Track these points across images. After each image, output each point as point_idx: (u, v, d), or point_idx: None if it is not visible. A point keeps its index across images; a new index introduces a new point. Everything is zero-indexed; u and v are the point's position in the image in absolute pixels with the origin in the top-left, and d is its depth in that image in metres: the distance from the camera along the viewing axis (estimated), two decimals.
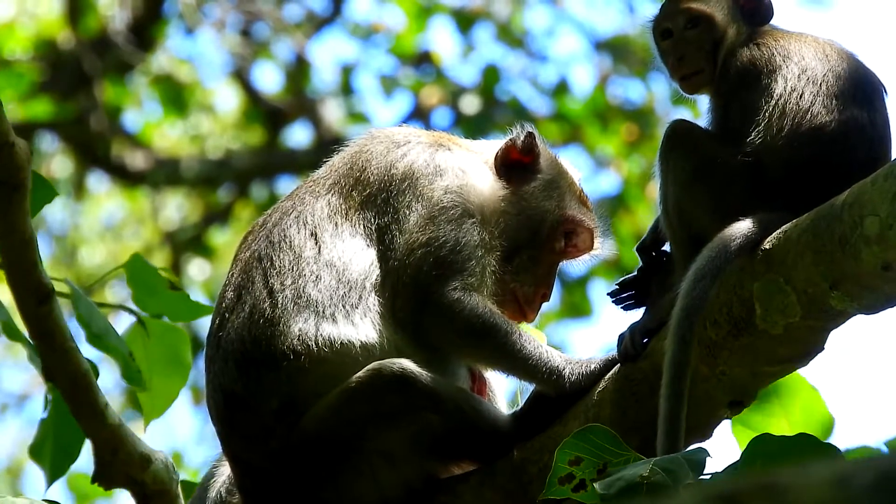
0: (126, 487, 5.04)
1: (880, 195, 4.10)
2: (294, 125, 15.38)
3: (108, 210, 16.59)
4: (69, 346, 4.80)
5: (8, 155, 4.57)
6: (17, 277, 4.72)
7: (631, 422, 4.45)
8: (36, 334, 4.79)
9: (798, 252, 4.25)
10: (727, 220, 4.36)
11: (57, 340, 4.78)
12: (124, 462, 4.93)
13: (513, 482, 4.56)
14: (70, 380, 4.83)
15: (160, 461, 5.02)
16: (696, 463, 4.00)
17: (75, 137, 14.79)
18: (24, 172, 4.60)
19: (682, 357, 4.23)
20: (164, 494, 5.03)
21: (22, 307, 4.76)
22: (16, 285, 4.72)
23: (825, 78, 4.52)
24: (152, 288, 5.30)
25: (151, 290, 5.30)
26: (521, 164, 4.97)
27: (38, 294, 4.73)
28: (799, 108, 4.47)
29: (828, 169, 4.41)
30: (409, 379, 4.53)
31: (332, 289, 4.65)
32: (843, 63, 4.57)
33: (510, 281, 4.86)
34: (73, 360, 4.82)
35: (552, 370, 4.59)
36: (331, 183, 4.86)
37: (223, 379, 4.66)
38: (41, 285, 4.72)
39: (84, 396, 4.86)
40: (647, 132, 14.06)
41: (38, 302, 4.73)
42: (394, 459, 4.56)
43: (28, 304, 4.74)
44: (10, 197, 4.61)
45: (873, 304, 4.23)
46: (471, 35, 14.40)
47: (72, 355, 4.81)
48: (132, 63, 14.71)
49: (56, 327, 4.77)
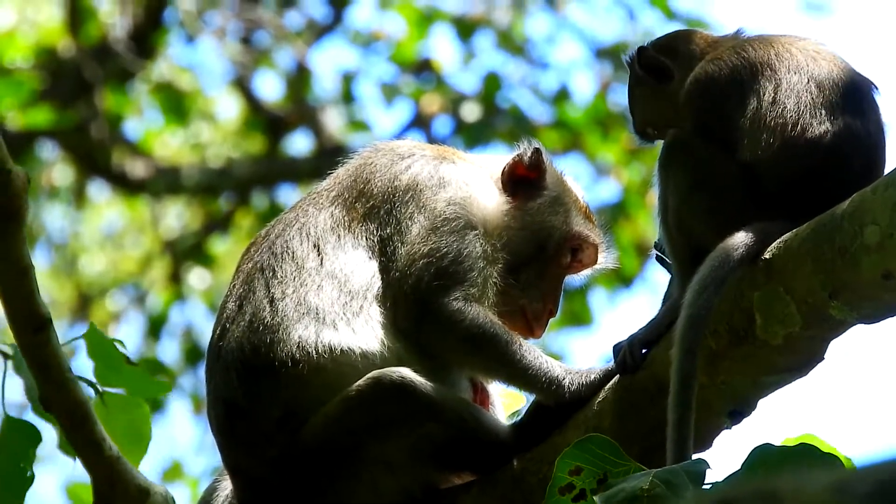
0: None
1: (881, 204, 4.11)
2: (295, 133, 15.40)
3: (109, 219, 16.60)
4: (67, 377, 4.78)
5: (4, 184, 4.56)
6: (13, 306, 4.72)
7: (631, 432, 4.45)
8: (33, 364, 4.78)
9: (798, 261, 4.25)
10: (727, 230, 4.37)
11: (54, 371, 4.77)
12: (122, 495, 4.92)
13: (513, 492, 4.57)
14: (68, 411, 4.82)
15: (159, 494, 5.01)
16: (695, 474, 4.00)
17: (76, 146, 14.80)
18: (20, 201, 4.58)
19: (688, 367, 4.23)
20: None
21: (19, 336, 4.75)
22: (12, 314, 4.71)
23: (808, 87, 4.52)
24: (112, 361, 5.26)
25: (111, 364, 5.27)
26: (527, 180, 4.99)
27: (34, 323, 4.71)
28: (785, 121, 4.47)
29: (825, 179, 4.41)
30: (409, 388, 4.53)
31: (333, 297, 4.66)
32: (831, 69, 4.56)
33: (519, 297, 4.88)
34: (70, 390, 4.81)
35: (552, 380, 4.60)
36: (334, 195, 4.87)
37: (224, 389, 4.66)
38: (38, 314, 4.71)
39: (81, 428, 4.85)
40: None
41: (35, 331, 4.71)
42: (394, 468, 4.57)
43: (25, 333, 4.73)
44: (5, 226, 4.60)
45: (873, 314, 4.23)
46: (471, 43, 14.40)
47: (69, 386, 4.80)
48: (133, 71, 14.73)
49: (53, 357, 4.75)
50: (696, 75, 4.66)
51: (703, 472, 4.02)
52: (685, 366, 4.23)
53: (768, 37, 4.70)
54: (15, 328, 4.75)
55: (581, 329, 14.35)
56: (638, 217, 14.03)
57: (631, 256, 14.02)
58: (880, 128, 4.55)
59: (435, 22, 14.49)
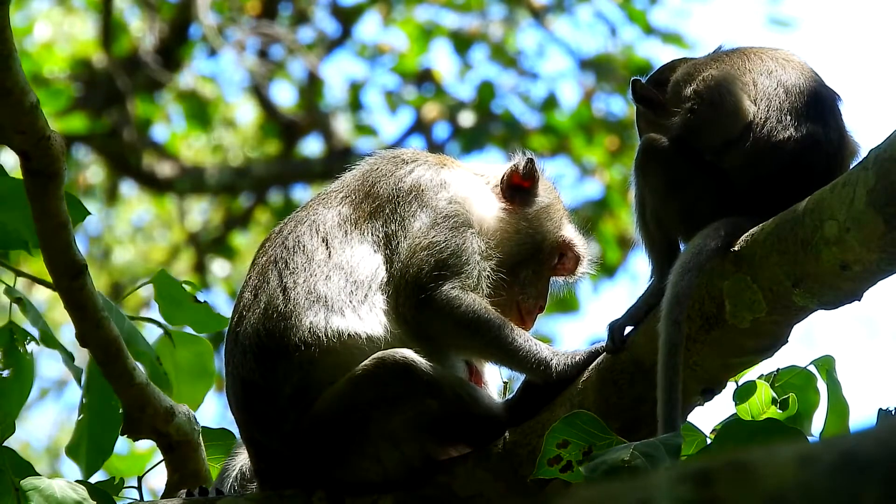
0: (152, 438, 5.10)
1: (839, 201, 4.09)
2: (307, 137, 15.38)
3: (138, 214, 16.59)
4: (101, 316, 4.88)
5: (45, 147, 4.63)
6: (53, 256, 4.80)
7: (613, 408, 4.44)
8: (71, 306, 4.86)
9: (764, 253, 4.24)
10: (700, 225, 4.36)
11: (89, 311, 4.86)
12: (151, 416, 5.01)
13: (505, 463, 4.56)
14: (102, 346, 4.90)
15: (183, 414, 5.10)
16: (672, 447, 3.99)
17: (108, 149, 14.79)
18: (59, 163, 4.67)
19: (675, 336, 4.24)
20: (187, 444, 5.11)
21: (58, 283, 4.83)
22: (52, 263, 4.81)
23: (777, 92, 4.50)
24: (178, 301, 5.31)
25: (177, 304, 5.31)
26: (521, 188, 5.00)
27: (72, 270, 4.79)
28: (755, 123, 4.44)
29: (788, 180, 4.40)
30: (410, 366, 4.52)
31: (340, 287, 4.66)
32: (799, 77, 4.54)
33: (517, 293, 4.90)
34: (104, 327, 4.91)
35: (541, 361, 4.59)
36: (342, 196, 4.88)
37: (242, 370, 4.66)
38: (75, 263, 4.80)
39: (115, 360, 4.93)
40: (628, 143, 14.05)
41: (72, 277, 4.79)
42: (396, 441, 4.56)
43: (64, 279, 4.81)
44: (46, 186, 4.68)
45: (832, 301, 4.22)
46: (468, 55, 14.39)
47: (103, 324, 4.90)
48: (160, 81, 14.71)
49: (88, 300, 4.84)
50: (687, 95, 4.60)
51: (679, 446, 4.01)
52: (672, 335, 4.23)
53: (743, 48, 4.68)
54: (55, 275, 4.84)
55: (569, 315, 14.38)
56: (620, 213, 14.03)
57: (614, 249, 14.01)
58: (841, 136, 4.52)
59: (435, 37, 14.48)
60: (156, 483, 5.36)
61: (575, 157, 14.19)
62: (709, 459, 2.35)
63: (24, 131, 4.59)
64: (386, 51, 14.63)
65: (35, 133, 4.60)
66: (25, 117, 4.58)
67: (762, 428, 4.20)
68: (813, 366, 4.54)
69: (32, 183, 4.68)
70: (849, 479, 2.26)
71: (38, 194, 4.69)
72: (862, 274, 4.11)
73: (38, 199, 4.69)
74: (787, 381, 4.53)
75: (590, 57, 14.33)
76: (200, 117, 15.07)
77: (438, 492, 4.58)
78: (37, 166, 4.65)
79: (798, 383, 4.53)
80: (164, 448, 5.13)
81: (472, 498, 4.57)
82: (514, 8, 14.43)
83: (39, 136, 4.61)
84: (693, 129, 4.51)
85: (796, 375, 4.53)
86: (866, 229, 4.03)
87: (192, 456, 5.12)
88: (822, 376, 4.52)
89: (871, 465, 2.26)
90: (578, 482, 4.14)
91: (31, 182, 4.68)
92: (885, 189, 3.99)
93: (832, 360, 4.53)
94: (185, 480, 5.09)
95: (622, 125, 14.15)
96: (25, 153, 4.63)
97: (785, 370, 4.55)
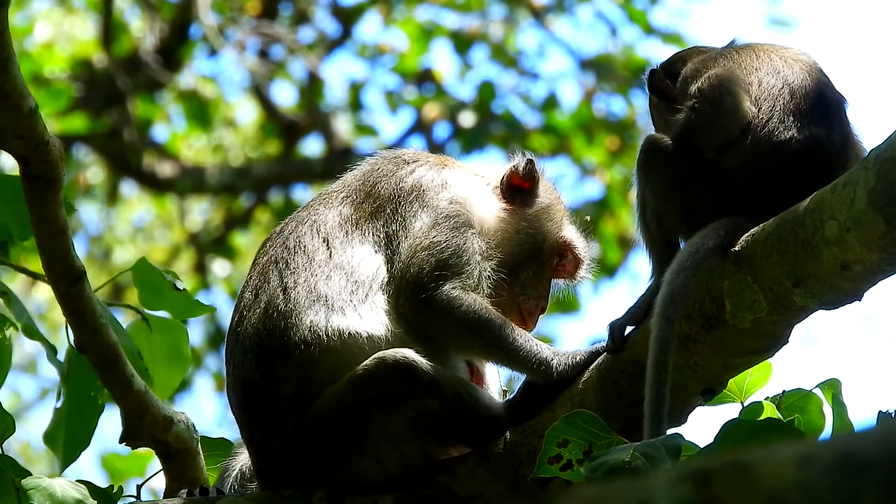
0: (151, 446, 5.09)
1: (839, 201, 4.09)
2: (308, 137, 15.38)
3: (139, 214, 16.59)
4: (99, 323, 4.87)
5: (43, 152, 4.63)
6: (51, 262, 4.80)
7: (613, 407, 4.44)
8: (69, 312, 4.85)
9: (764, 253, 4.24)
10: (701, 225, 4.36)
11: (88, 317, 4.85)
12: (150, 424, 5.00)
13: (505, 463, 4.56)
14: (100, 352, 4.90)
15: (182, 422, 5.08)
16: (673, 448, 3.99)
17: (109, 149, 14.79)
18: (57, 168, 4.66)
19: (667, 333, 4.23)
20: (186, 452, 5.10)
21: (56, 288, 4.82)
22: (51, 269, 4.80)
23: (782, 92, 4.49)
24: (157, 289, 5.30)
25: (156, 291, 5.30)
26: (522, 189, 4.99)
27: (70, 276, 4.78)
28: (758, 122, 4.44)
29: (788, 181, 4.39)
30: (410, 366, 4.52)
31: (341, 286, 4.66)
32: (805, 77, 4.54)
33: (518, 294, 4.89)
34: (103, 334, 4.90)
35: (541, 361, 4.59)
36: (343, 196, 4.87)
37: (242, 370, 4.66)
38: (73, 268, 4.79)
39: (113, 367, 4.93)
40: (628, 143, 14.06)
41: (70, 283, 4.78)
42: (397, 441, 4.55)
43: (62, 285, 4.80)
44: (44, 191, 4.67)
45: (833, 301, 4.22)
46: (468, 55, 14.39)
47: (102, 330, 4.89)
48: (161, 81, 14.71)
49: (87, 305, 4.84)
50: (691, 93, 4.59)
51: (680, 446, 4.01)
52: (664, 332, 4.23)
53: (754, 44, 4.68)
54: (53, 281, 4.83)
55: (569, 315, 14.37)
56: (620, 213, 14.03)
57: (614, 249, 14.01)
58: (845, 138, 4.51)
59: (435, 37, 14.48)
60: (156, 483, 5.34)
61: (575, 157, 14.19)
62: (709, 459, 2.36)
63: (23, 136, 4.58)
64: (386, 51, 14.63)
65: (34, 138, 4.59)
66: (24, 122, 4.56)
67: (762, 428, 4.19)
68: (819, 388, 4.52)
69: (31, 188, 4.67)
70: (849, 479, 2.26)
71: (37, 199, 4.67)
72: (862, 274, 4.11)
73: (37, 204, 4.68)
74: (792, 404, 4.51)
75: (590, 57, 14.34)
76: (201, 117, 15.08)
77: (438, 492, 4.58)
78: (35, 171, 4.63)
79: (803, 406, 4.51)
80: (162, 456, 5.11)
81: (473, 498, 4.57)
82: (514, 8, 14.44)
83: (38, 141, 4.59)
84: (694, 128, 4.51)
85: (802, 398, 4.51)
86: (867, 229, 4.03)
87: (191, 464, 5.11)
88: (828, 399, 4.49)
89: (870, 465, 2.26)
90: (578, 481, 4.15)
91: (30, 187, 4.67)
92: (885, 189, 3.99)
93: (838, 384, 4.50)
94: (183, 488, 5.08)
95: (622, 125, 14.15)
96: (24, 158, 4.62)
97: (790, 392, 4.52)
